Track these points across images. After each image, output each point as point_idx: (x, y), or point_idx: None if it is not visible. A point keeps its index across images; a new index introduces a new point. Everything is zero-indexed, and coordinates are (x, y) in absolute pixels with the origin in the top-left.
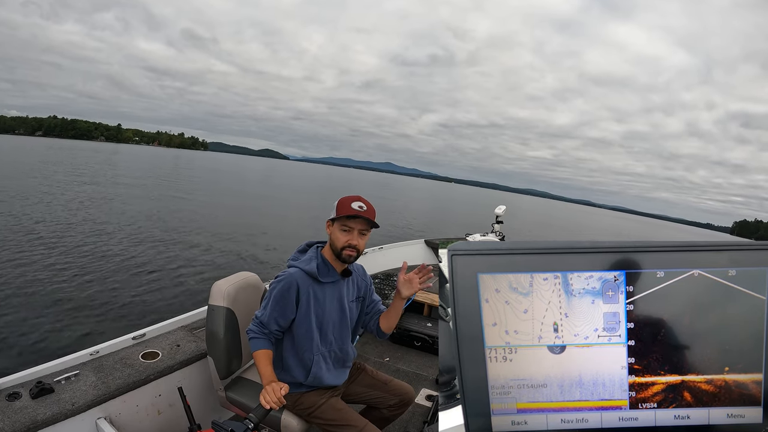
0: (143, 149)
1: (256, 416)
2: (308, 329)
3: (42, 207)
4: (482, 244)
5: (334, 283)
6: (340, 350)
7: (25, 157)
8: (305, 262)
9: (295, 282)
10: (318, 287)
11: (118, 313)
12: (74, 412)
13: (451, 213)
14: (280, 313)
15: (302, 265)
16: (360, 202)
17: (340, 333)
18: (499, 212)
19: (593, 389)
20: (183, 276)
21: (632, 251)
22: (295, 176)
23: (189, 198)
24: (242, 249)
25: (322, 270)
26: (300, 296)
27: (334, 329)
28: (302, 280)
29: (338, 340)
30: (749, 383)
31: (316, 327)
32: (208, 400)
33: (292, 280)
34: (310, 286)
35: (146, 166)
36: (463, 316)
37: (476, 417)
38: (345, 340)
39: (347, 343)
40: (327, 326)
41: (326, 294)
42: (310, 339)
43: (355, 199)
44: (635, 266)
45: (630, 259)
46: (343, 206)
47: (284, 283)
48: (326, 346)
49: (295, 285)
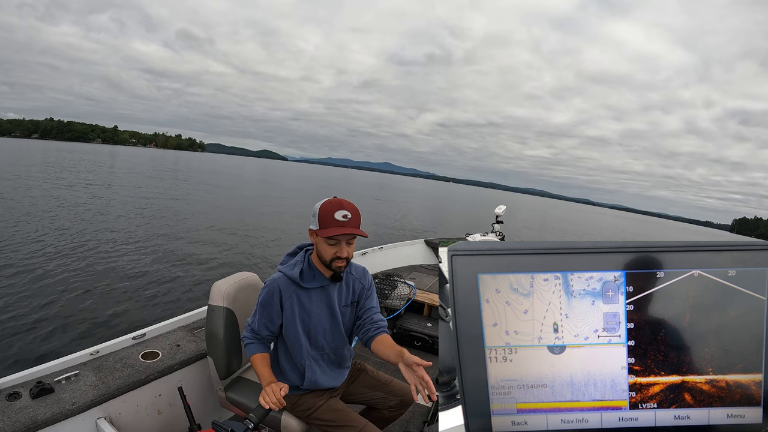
0: (140, 151)
1: (256, 416)
2: (296, 335)
3: (42, 208)
4: (482, 244)
5: (322, 288)
6: (334, 353)
7: (25, 157)
8: (290, 267)
9: (277, 288)
10: (303, 293)
11: (118, 313)
12: (74, 412)
13: (451, 213)
14: (268, 318)
15: (286, 271)
16: (344, 211)
17: (333, 337)
18: (498, 212)
19: (593, 389)
20: (183, 276)
21: (632, 251)
22: (294, 177)
23: (189, 198)
24: (242, 249)
25: (307, 275)
26: (283, 302)
27: (325, 334)
28: (285, 286)
29: (331, 344)
30: (749, 383)
31: (303, 333)
32: (208, 400)
33: (275, 286)
34: (293, 292)
35: (144, 167)
36: (464, 316)
37: (476, 417)
38: (339, 344)
39: (342, 346)
40: (316, 331)
41: (312, 299)
42: (299, 345)
43: (337, 207)
44: (635, 266)
45: (630, 259)
46: (326, 218)
47: (268, 290)
48: (318, 350)
49: (277, 291)
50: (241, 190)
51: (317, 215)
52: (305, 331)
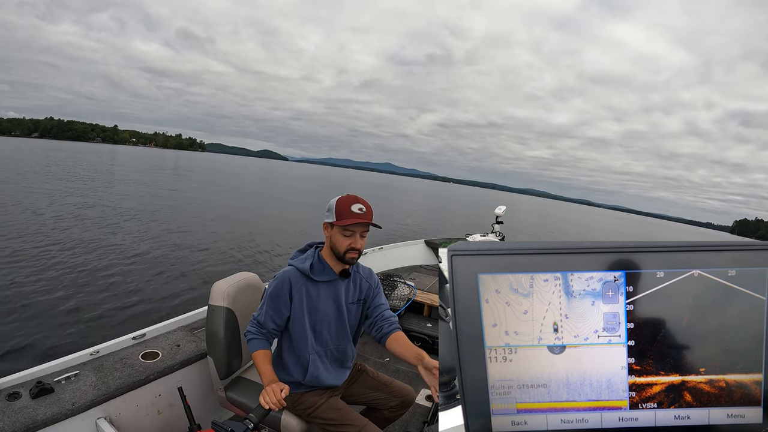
0: (139, 150)
1: (256, 416)
2: (302, 328)
3: (41, 209)
4: (482, 244)
5: (330, 282)
6: (337, 350)
7: (28, 156)
8: (301, 260)
9: (287, 279)
10: (312, 285)
11: (118, 313)
12: (74, 412)
13: (451, 213)
14: (275, 310)
15: (297, 264)
16: (359, 204)
17: (337, 333)
18: (498, 212)
19: (593, 389)
20: (183, 276)
21: (632, 251)
22: (295, 177)
23: (188, 199)
24: (242, 249)
25: (317, 268)
26: (293, 293)
27: (330, 329)
28: (295, 278)
29: (335, 340)
30: (749, 383)
31: (309, 326)
32: (208, 400)
33: (285, 277)
34: (303, 285)
35: (143, 167)
36: (463, 316)
37: (476, 417)
38: (343, 341)
39: (346, 344)
40: (322, 326)
41: (320, 293)
42: (305, 338)
43: (353, 201)
44: (635, 266)
45: (630, 259)
46: (343, 210)
47: (278, 281)
48: (322, 345)
49: (288, 282)
50: (242, 190)
51: (333, 209)
52: (312, 324)
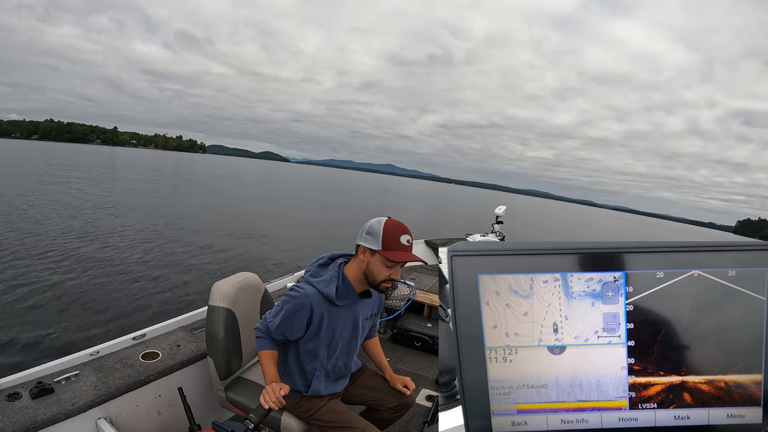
0: (138, 152)
1: (256, 416)
2: (315, 347)
3: (41, 210)
4: (482, 244)
5: (351, 304)
6: (344, 366)
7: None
8: (324, 283)
9: (309, 304)
10: (333, 309)
11: (118, 314)
12: (74, 412)
13: (451, 213)
14: (288, 328)
15: (321, 287)
16: (407, 236)
17: (348, 350)
18: (499, 212)
19: (593, 390)
20: (183, 276)
21: (632, 252)
22: (296, 178)
23: (188, 199)
24: (242, 250)
25: (342, 292)
26: (312, 318)
27: (342, 347)
28: (317, 303)
29: (344, 356)
30: (749, 383)
31: (324, 345)
32: (208, 400)
33: (307, 302)
34: (324, 309)
35: (144, 169)
36: (463, 316)
37: (476, 417)
38: (351, 356)
39: (352, 359)
40: (336, 344)
41: (340, 315)
42: (315, 356)
43: (402, 231)
44: (635, 267)
45: (630, 259)
46: (392, 241)
47: (297, 302)
48: (331, 363)
49: (308, 306)
50: (243, 191)
51: (379, 236)
52: (327, 344)
